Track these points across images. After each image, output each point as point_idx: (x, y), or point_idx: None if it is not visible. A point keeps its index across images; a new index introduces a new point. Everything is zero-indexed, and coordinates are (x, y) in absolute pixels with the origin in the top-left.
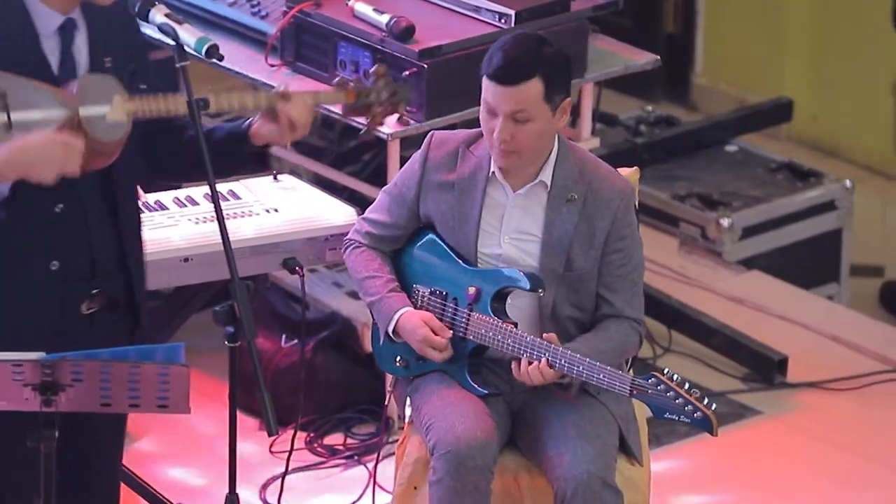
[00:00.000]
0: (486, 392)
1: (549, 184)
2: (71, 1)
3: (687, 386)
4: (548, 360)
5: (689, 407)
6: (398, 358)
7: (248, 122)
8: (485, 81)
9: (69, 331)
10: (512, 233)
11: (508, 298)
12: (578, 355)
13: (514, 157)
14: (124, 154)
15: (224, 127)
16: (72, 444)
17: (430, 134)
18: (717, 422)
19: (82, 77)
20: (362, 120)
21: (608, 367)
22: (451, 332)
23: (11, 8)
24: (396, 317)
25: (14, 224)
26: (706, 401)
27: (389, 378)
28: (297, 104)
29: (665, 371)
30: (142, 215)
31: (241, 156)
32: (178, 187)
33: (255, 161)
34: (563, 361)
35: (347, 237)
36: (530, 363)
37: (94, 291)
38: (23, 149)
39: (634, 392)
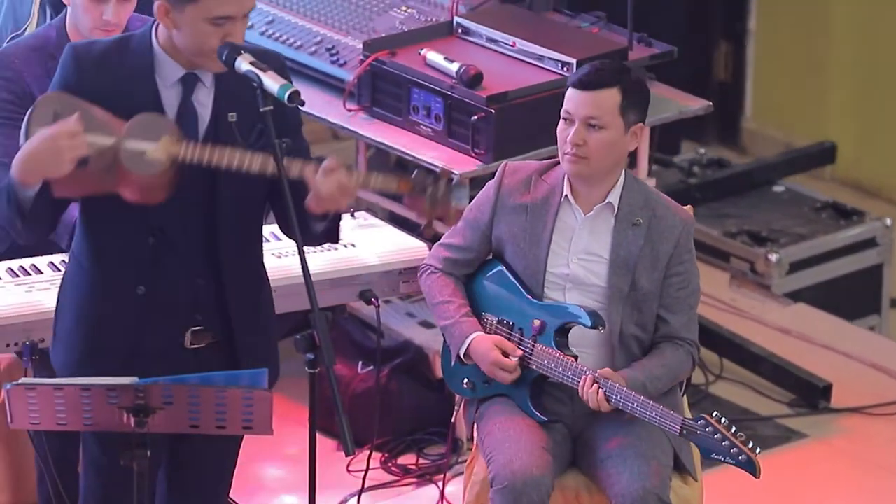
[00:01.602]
0: (545, 419)
1: (616, 206)
2: (194, 63)
3: (734, 430)
4: (605, 393)
5: (735, 450)
6: (466, 380)
7: None
8: (568, 91)
9: (173, 361)
10: (580, 254)
11: (571, 330)
12: (633, 393)
13: (584, 163)
14: (233, 200)
15: None
16: (189, 455)
17: (503, 163)
18: (760, 464)
19: (140, 114)
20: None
21: (660, 407)
22: (521, 351)
23: (141, 57)
24: (468, 340)
25: (109, 249)
26: (751, 444)
27: (458, 398)
28: (328, 179)
29: (714, 414)
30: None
31: (310, 223)
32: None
33: (327, 234)
34: (618, 397)
35: (424, 262)
36: (591, 387)
37: (197, 328)
38: (28, 154)
39: (684, 432)
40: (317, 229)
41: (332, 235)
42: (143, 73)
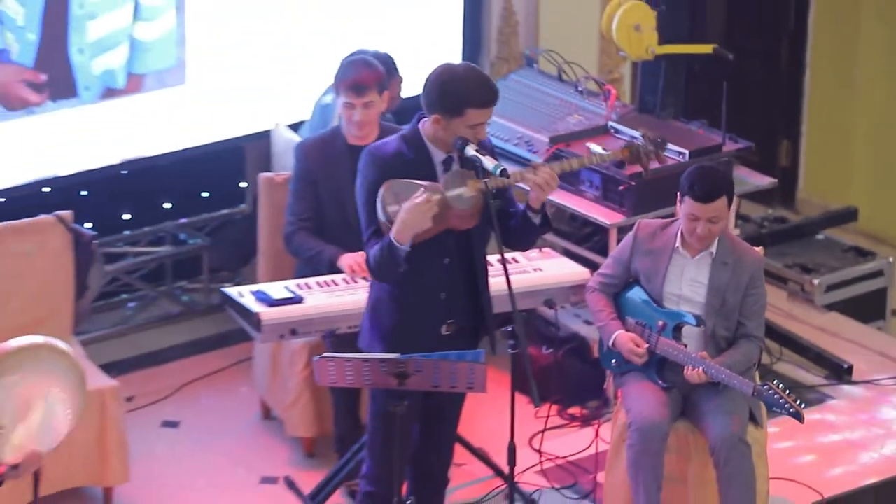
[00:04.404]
0: (665, 386)
1: (714, 252)
2: (448, 148)
3: (788, 391)
4: (703, 369)
5: (787, 405)
6: (614, 360)
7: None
8: (689, 200)
9: (435, 343)
10: (689, 281)
11: (683, 328)
12: (723, 368)
13: (710, 240)
14: (479, 229)
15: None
16: (435, 404)
17: (637, 222)
18: (804, 414)
19: (447, 173)
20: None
21: (739, 377)
22: (648, 345)
23: (420, 150)
24: (614, 336)
25: (419, 268)
26: (799, 401)
27: (608, 372)
28: (540, 172)
29: (775, 381)
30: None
31: (531, 221)
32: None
33: (542, 224)
34: (712, 371)
35: (588, 284)
36: (693, 369)
37: (450, 321)
38: (402, 222)
39: (755, 394)
40: (536, 222)
41: (547, 223)
42: (425, 159)
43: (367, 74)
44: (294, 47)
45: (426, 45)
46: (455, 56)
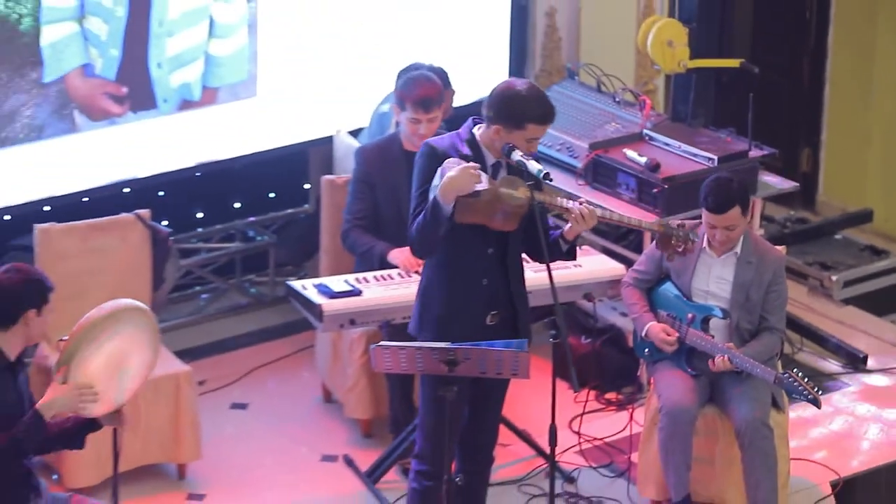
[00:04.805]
0: (694, 373)
1: (738, 252)
2: (498, 153)
3: (806, 379)
4: (729, 358)
5: (806, 391)
6: (647, 349)
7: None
8: (705, 211)
9: (480, 332)
10: (715, 279)
11: (711, 321)
12: (747, 358)
13: (728, 244)
14: (516, 235)
15: (557, 231)
16: (482, 389)
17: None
18: (821, 401)
19: (503, 176)
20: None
21: (762, 366)
22: (678, 335)
23: (476, 150)
24: (647, 327)
25: (465, 256)
26: (816, 388)
27: (642, 360)
28: (584, 206)
29: (794, 370)
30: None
31: (560, 248)
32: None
33: (568, 253)
34: (738, 361)
35: (623, 279)
36: (720, 358)
37: (494, 312)
38: (449, 179)
39: (776, 381)
40: (563, 249)
41: (572, 254)
42: (478, 158)
43: (432, 90)
44: (354, 61)
45: (478, 59)
46: (503, 68)
